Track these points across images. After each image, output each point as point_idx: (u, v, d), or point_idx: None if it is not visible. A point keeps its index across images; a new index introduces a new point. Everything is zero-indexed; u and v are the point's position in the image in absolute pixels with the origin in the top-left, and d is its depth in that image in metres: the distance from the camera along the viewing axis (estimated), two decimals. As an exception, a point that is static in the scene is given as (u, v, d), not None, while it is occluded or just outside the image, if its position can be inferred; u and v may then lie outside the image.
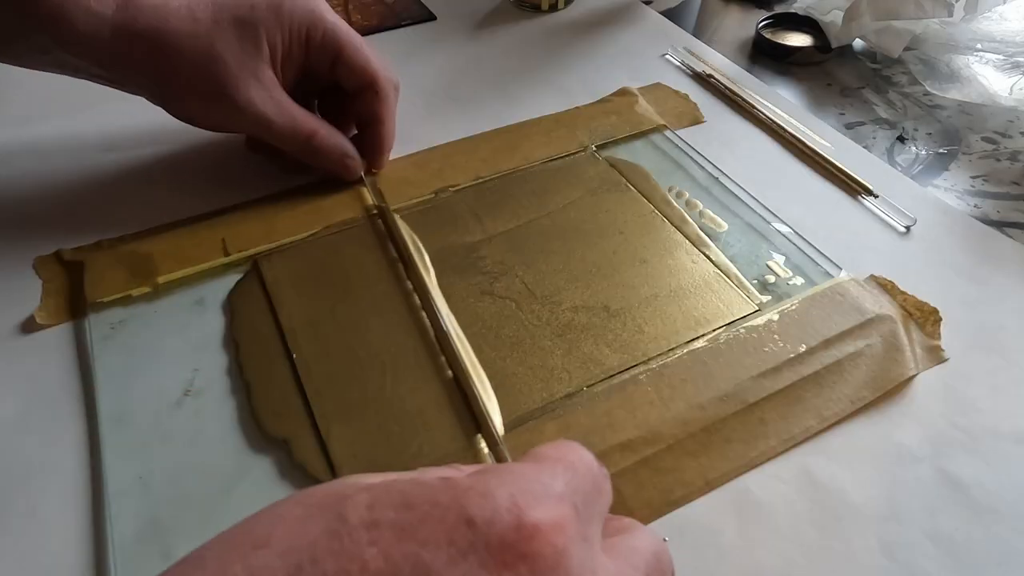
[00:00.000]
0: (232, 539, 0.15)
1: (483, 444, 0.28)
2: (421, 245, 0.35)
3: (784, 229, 0.37)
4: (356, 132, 0.40)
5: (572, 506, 0.16)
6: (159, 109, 0.45)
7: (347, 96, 0.39)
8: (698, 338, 0.31)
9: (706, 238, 0.36)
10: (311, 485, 0.26)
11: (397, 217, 0.37)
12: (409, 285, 0.34)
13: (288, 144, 0.37)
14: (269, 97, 0.35)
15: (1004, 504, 0.26)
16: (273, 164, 0.40)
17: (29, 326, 0.32)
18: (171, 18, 0.32)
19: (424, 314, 0.32)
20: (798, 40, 0.52)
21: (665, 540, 0.19)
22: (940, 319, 0.32)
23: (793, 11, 0.55)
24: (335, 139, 0.37)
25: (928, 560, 0.25)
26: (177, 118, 0.37)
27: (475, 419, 0.28)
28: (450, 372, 0.30)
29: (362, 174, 0.39)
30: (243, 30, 0.34)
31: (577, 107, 0.45)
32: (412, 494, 0.15)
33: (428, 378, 0.30)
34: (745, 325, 0.32)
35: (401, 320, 0.32)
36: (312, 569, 0.14)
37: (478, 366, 0.30)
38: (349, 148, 0.38)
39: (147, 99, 0.36)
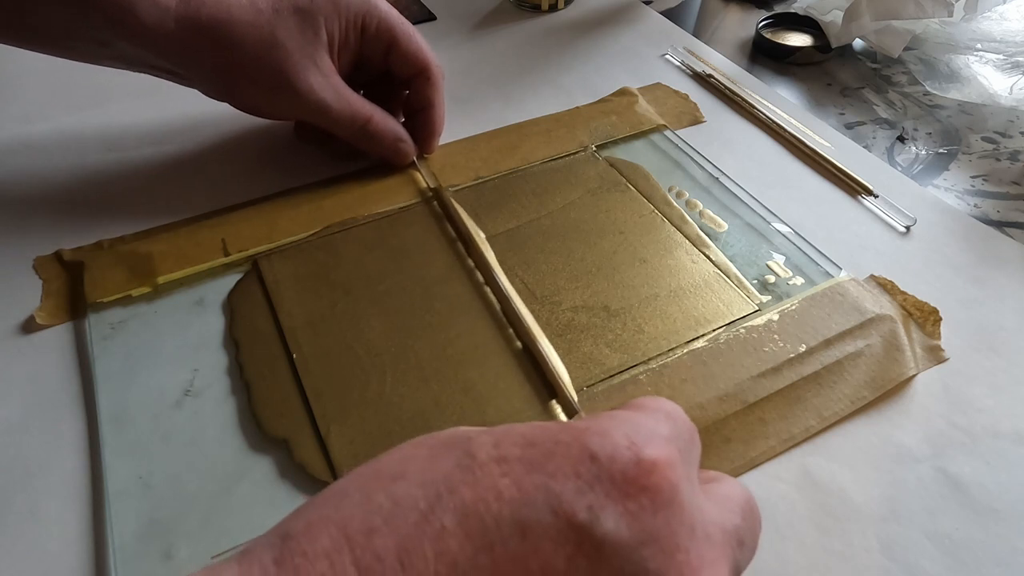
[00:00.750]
0: (367, 474, 0.16)
1: (559, 409, 0.28)
2: (476, 226, 0.36)
3: (784, 229, 0.37)
4: (403, 119, 0.42)
5: (677, 449, 0.17)
6: (158, 109, 0.45)
7: (394, 85, 0.40)
8: (698, 338, 0.31)
9: (706, 238, 0.36)
10: (311, 485, 0.26)
11: (452, 199, 0.38)
12: (471, 263, 0.35)
13: (345, 130, 0.37)
14: (328, 84, 0.36)
15: (1004, 504, 0.26)
16: (323, 151, 0.41)
17: (29, 326, 0.32)
18: (233, 8, 0.33)
19: (488, 289, 0.33)
20: (798, 40, 0.52)
21: None
22: (940, 319, 0.32)
23: (793, 11, 0.55)
24: (389, 124, 0.39)
25: (928, 560, 0.25)
26: (236, 107, 0.38)
27: (548, 386, 0.29)
28: (519, 343, 0.31)
29: (414, 158, 0.40)
30: (303, 18, 0.35)
31: (577, 107, 0.45)
32: (532, 435, 0.17)
33: (499, 350, 0.31)
34: (745, 325, 0.32)
35: (466, 296, 0.33)
36: (451, 498, 0.15)
37: (544, 337, 0.31)
38: (402, 132, 0.39)
39: (203, 90, 0.37)
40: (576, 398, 0.29)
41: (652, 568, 0.15)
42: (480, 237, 0.35)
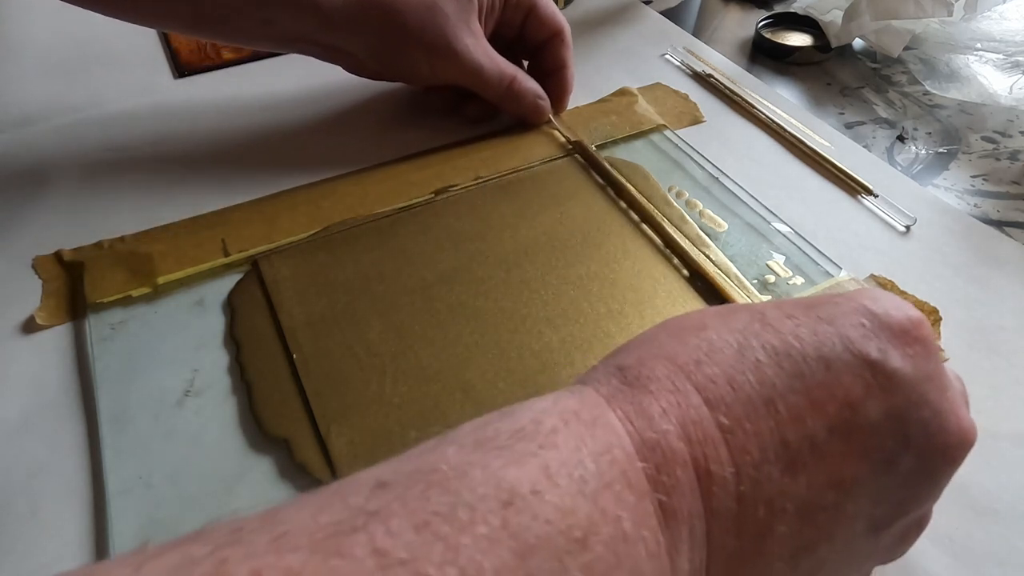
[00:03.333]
0: (670, 328, 0.19)
1: None
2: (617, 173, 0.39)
3: (784, 229, 0.37)
4: None
5: None
6: (158, 109, 0.45)
7: (516, 53, 0.43)
8: (698, 338, 0.31)
9: (706, 238, 0.36)
10: (311, 485, 0.26)
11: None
12: (623, 204, 0.38)
13: (492, 89, 0.40)
14: (479, 46, 0.39)
15: (1003, 504, 0.26)
16: (457, 115, 0.43)
17: (29, 326, 0.32)
18: None
19: (646, 226, 0.36)
20: (798, 40, 0.52)
21: None
22: (940, 319, 0.32)
23: (793, 11, 0.55)
24: (530, 83, 0.42)
25: (928, 560, 0.25)
26: (384, 77, 0.42)
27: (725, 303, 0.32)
28: (686, 272, 0.34)
29: (551, 116, 0.43)
30: None
31: (577, 107, 0.45)
32: (808, 301, 0.20)
33: (670, 280, 0.34)
34: (745, 325, 0.32)
35: (629, 236, 0.36)
36: (757, 340, 0.18)
37: (707, 263, 0.34)
38: (542, 91, 0.42)
39: (352, 64, 0.40)
40: None
41: (931, 400, 0.18)
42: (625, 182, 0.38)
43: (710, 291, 0.33)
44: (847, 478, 0.17)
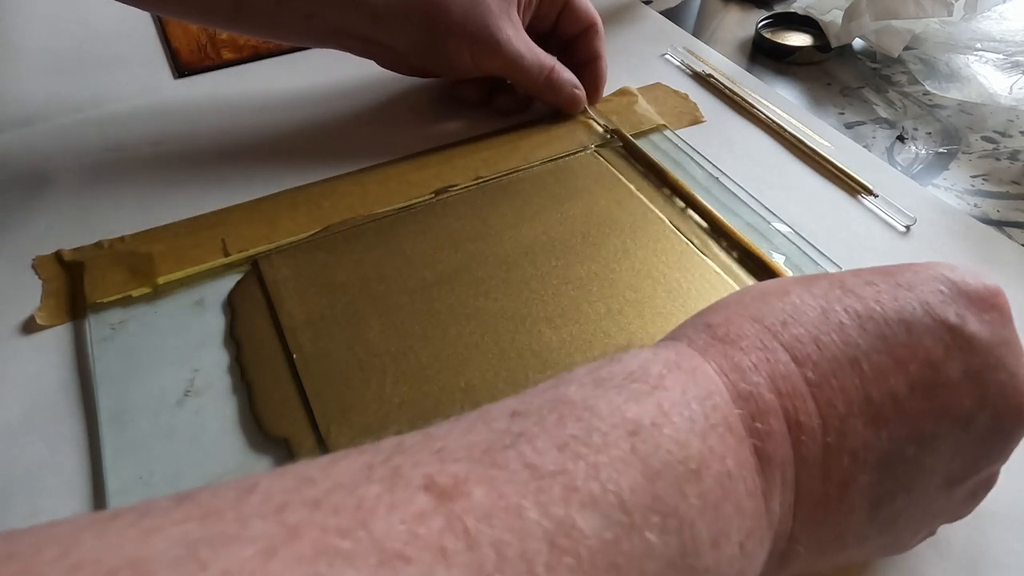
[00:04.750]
0: (753, 293, 0.20)
1: None
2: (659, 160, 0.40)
3: (784, 229, 0.37)
4: None
5: None
6: (158, 109, 0.45)
7: (549, 46, 0.44)
8: (698, 338, 0.31)
9: (706, 238, 0.36)
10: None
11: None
12: (667, 191, 0.38)
13: (532, 80, 0.41)
14: (519, 36, 0.40)
15: (1002, 507, 0.26)
16: (488, 108, 0.44)
17: (29, 326, 0.32)
18: None
19: (691, 211, 0.37)
20: (798, 40, 0.52)
21: None
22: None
23: (793, 11, 0.55)
24: (567, 73, 0.43)
25: (927, 562, 0.25)
26: (419, 71, 0.43)
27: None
28: (735, 252, 0.35)
29: (586, 106, 0.44)
30: None
31: (577, 107, 0.45)
32: (885, 269, 0.20)
33: (721, 261, 0.35)
34: (745, 325, 0.32)
35: (674, 219, 0.37)
36: (840, 303, 0.19)
37: (755, 245, 0.35)
38: (577, 81, 0.43)
39: (387, 59, 0.41)
40: None
41: (1007, 363, 0.19)
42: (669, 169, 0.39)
43: (763, 270, 0.34)
44: (927, 433, 0.18)
